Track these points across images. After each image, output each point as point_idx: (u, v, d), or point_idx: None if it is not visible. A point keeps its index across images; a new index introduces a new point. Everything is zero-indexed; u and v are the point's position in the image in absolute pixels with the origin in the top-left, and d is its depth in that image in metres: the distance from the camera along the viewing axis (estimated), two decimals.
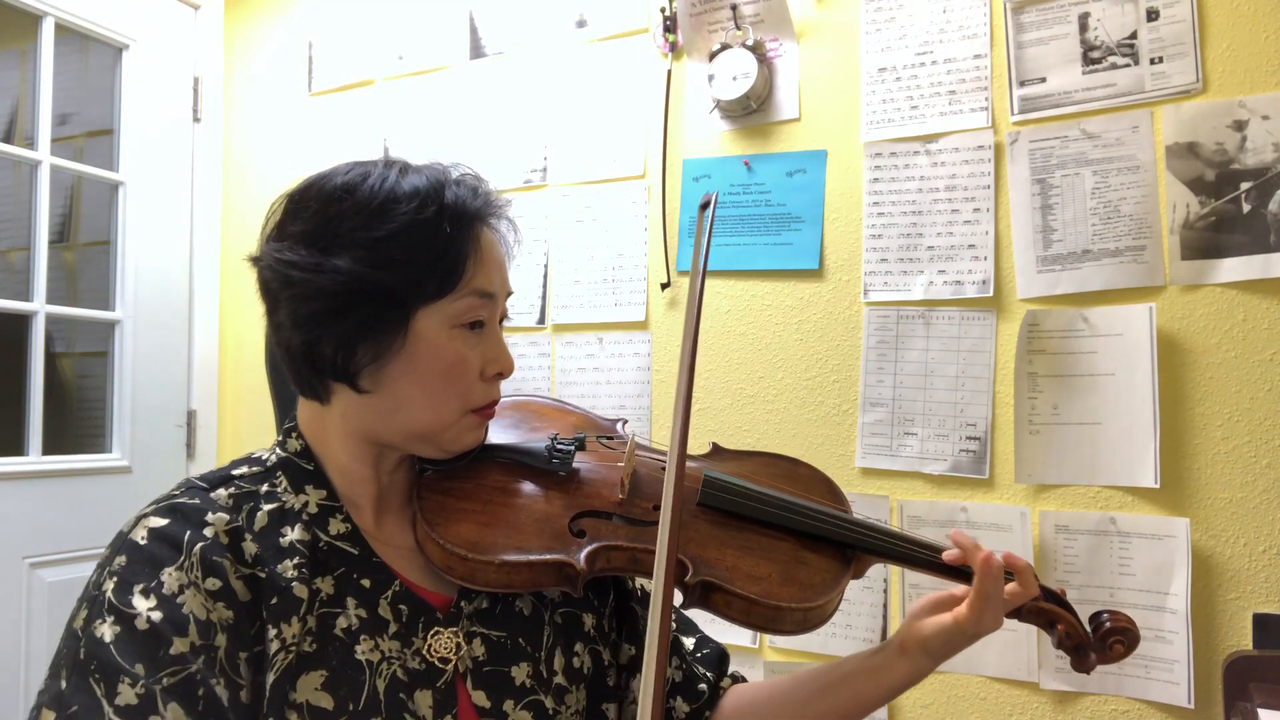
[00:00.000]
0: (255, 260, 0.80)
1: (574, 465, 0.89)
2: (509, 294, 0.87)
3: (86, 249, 2.32)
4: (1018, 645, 1.59)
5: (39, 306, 2.09)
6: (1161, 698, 1.48)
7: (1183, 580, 1.47)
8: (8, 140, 2.13)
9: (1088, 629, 0.91)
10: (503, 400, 0.96)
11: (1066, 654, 0.92)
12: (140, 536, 0.72)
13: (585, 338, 2.02)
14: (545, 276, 2.07)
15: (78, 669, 0.66)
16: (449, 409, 0.81)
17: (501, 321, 0.87)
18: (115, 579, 0.69)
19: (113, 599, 0.68)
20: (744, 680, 1.00)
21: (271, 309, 0.80)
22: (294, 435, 0.84)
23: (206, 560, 0.71)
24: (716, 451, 1.02)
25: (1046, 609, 0.90)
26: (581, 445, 0.92)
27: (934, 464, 1.68)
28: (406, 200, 0.77)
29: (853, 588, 1.73)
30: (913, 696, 1.67)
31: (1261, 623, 1.43)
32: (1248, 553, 1.46)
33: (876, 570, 1.70)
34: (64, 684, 0.66)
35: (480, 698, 0.78)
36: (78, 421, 2.28)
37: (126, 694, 0.65)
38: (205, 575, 0.71)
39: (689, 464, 0.92)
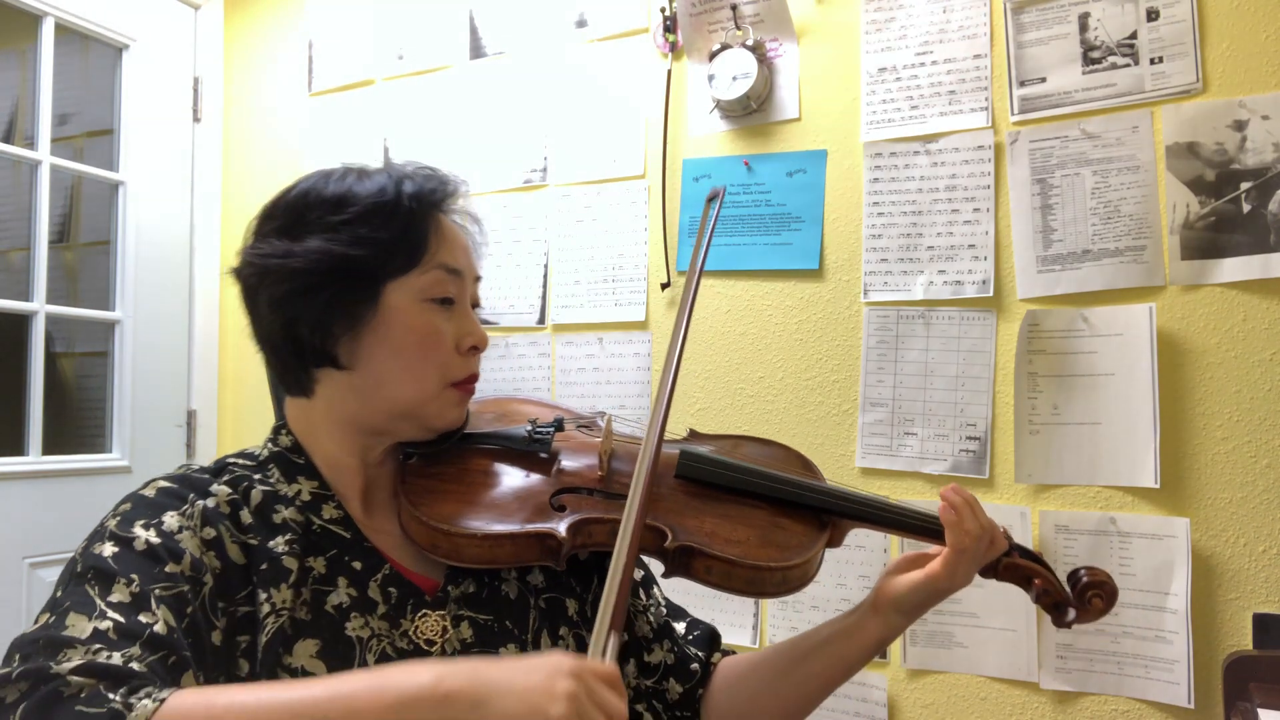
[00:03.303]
0: (236, 270, 0.85)
1: (553, 447, 0.92)
2: (478, 278, 0.91)
3: (86, 249, 2.32)
4: (1018, 645, 1.59)
5: (39, 306, 2.09)
6: (1161, 698, 1.48)
7: (1183, 580, 1.47)
8: (8, 140, 2.13)
9: (1065, 586, 0.93)
10: (482, 398, 0.99)
11: (1045, 611, 0.93)
12: (149, 492, 0.77)
13: (585, 338, 2.02)
14: (545, 276, 2.07)
15: (74, 579, 0.68)
16: (428, 381, 0.84)
17: (475, 308, 0.90)
18: (119, 517, 0.73)
19: (114, 529, 0.72)
20: (733, 654, 1.01)
21: (251, 306, 0.85)
22: (284, 432, 0.87)
23: (207, 515, 0.76)
24: (694, 436, 1.04)
25: (1023, 565, 0.92)
26: (560, 426, 0.95)
27: (934, 464, 1.68)
28: (367, 191, 0.84)
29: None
30: (913, 696, 1.67)
31: (1261, 623, 1.43)
32: (1248, 553, 1.46)
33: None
34: (59, 592, 0.68)
35: None
36: (78, 421, 2.28)
37: (121, 592, 0.67)
38: (203, 525, 0.75)
39: (667, 444, 0.95)
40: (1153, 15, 1.55)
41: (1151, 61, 1.55)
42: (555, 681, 0.61)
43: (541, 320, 2.07)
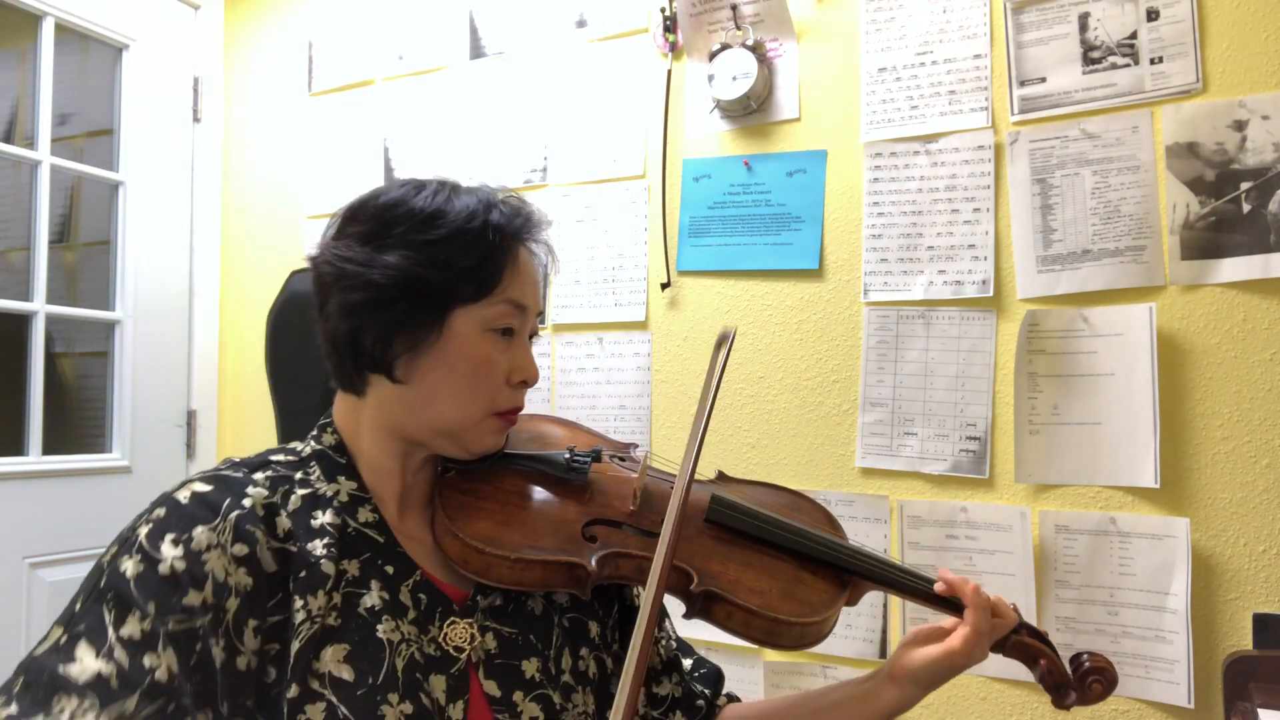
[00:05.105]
0: (314, 258, 0.87)
1: (589, 476, 0.94)
2: (540, 312, 0.94)
3: (86, 249, 2.32)
4: None
5: (39, 306, 2.09)
6: (1161, 698, 1.48)
7: (1183, 580, 1.47)
8: (8, 140, 2.13)
9: (1068, 668, 0.95)
10: (521, 415, 1.00)
11: (1048, 691, 0.96)
12: (183, 497, 0.77)
13: (585, 338, 2.02)
14: (545, 277, 2.07)
15: (94, 595, 0.71)
16: (475, 408, 0.86)
17: (532, 338, 0.93)
18: (150, 524, 0.74)
19: (144, 541, 0.73)
20: (738, 700, 1.04)
21: (322, 302, 0.86)
22: (329, 430, 0.89)
23: (240, 527, 0.76)
24: (722, 479, 1.06)
25: (1031, 644, 0.94)
26: (598, 457, 0.96)
27: (934, 464, 1.68)
28: (456, 213, 0.84)
29: None
30: None
31: (1261, 623, 1.43)
32: (1248, 553, 1.46)
33: None
34: (78, 607, 0.71)
35: (491, 687, 0.82)
36: (78, 421, 2.28)
37: (133, 626, 0.69)
38: (235, 540, 0.75)
39: (697, 486, 0.97)
40: (1153, 15, 1.55)
41: (1151, 61, 1.55)
42: None
43: (541, 320, 2.06)
